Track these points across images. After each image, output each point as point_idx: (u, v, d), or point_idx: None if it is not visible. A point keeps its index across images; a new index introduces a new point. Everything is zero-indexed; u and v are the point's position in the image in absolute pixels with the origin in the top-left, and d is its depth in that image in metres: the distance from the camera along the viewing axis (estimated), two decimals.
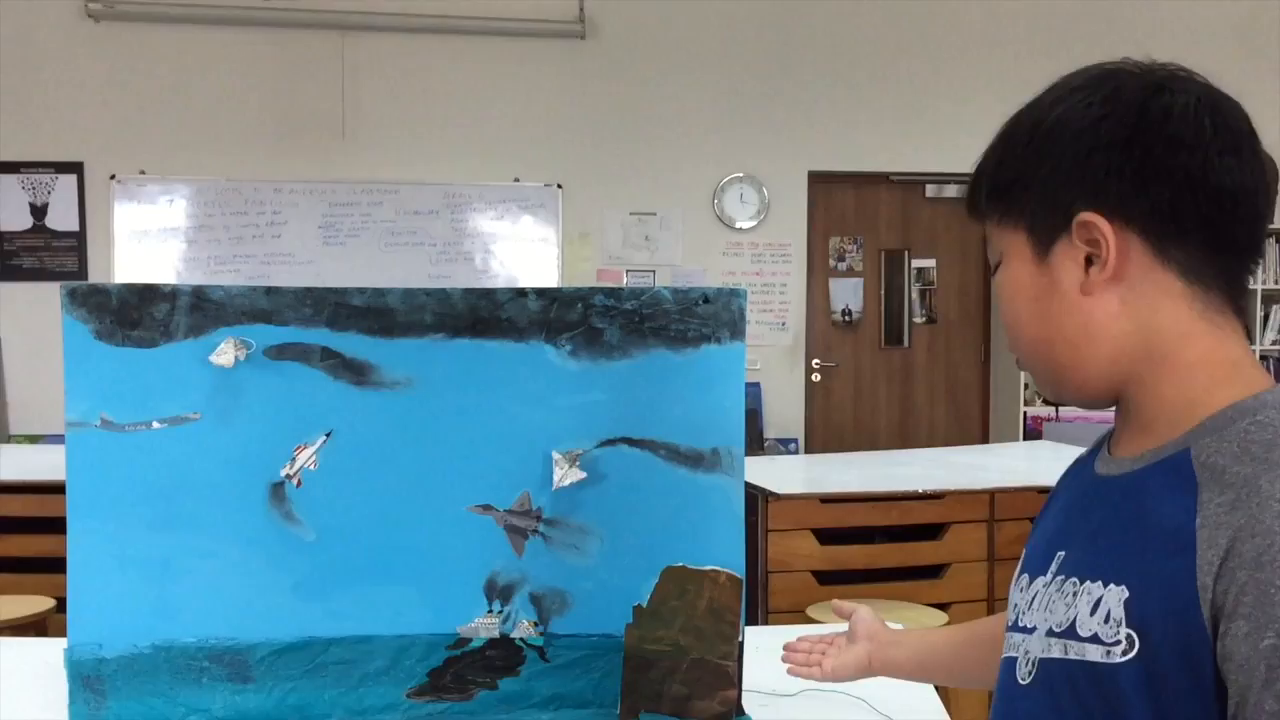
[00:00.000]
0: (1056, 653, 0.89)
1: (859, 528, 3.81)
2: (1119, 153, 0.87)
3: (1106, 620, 0.84)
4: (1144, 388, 0.90)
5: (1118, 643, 0.83)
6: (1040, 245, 0.92)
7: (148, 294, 1.63)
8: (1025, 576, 1.00)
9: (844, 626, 1.54)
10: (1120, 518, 0.88)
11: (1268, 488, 0.78)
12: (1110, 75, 0.91)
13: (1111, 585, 0.85)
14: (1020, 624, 0.97)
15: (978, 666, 1.33)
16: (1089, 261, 0.89)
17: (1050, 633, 0.91)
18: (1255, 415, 0.83)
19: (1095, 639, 0.85)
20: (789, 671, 1.53)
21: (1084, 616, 0.87)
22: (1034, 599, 0.96)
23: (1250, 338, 6.65)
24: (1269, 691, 0.73)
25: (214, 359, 1.63)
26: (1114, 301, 0.89)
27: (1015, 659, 0.96)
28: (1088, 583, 0.88)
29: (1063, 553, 0.94)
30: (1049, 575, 0.95)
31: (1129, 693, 0.82)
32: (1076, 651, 0.87)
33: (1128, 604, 0.83)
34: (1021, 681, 0.94)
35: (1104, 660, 0.84)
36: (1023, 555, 1.05)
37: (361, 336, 1.66)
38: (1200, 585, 0.78)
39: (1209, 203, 0.86)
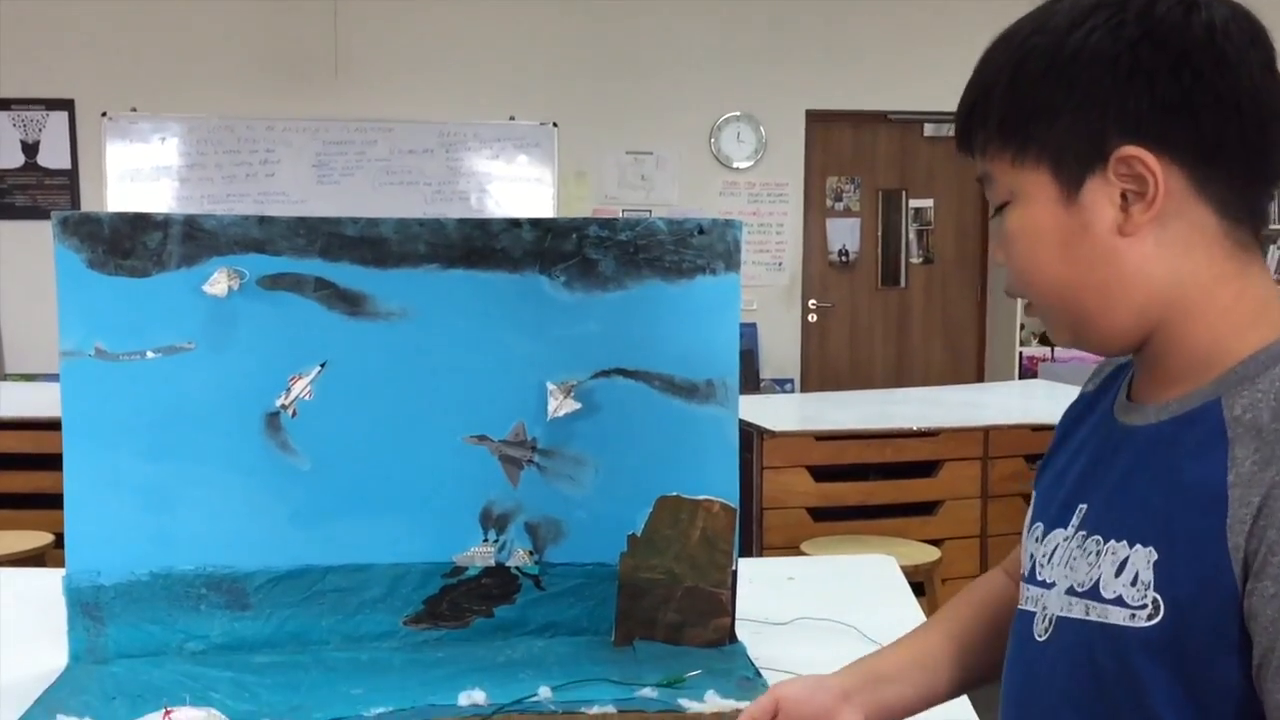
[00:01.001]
0: (1077, 613, 0.86)
1: (854, 465, 3.84)
2: (1164, 78, 0.79)
3: (1134, 583, 0.80)
4: (1173, 334, 0.84)
5: (1143, 606, 0.79)
6: (1069, 183, 0.83)
7: (140, 223, 1.62)
8: (1040, 526, 0.96)
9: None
10: (1146, 473, 0.84)
11: None
12: None
13: (1138, 546, 0.81)
14: (1039, 577, 0.93)
15: (992, 667, 1.07)
16: (1123, 199, 0.82)
17: (1071, 591, 0.87)
18: None
19: (1119, 601, 0.82)
20: None
21: (1108, 577, 0.83)
22: (1054, 552, 0.92)
23: None
24: None
25: (207, 288, 1.63)
26: (1150, 242, 0.82)
27: (1033, 614, 0.93)
28: (1112, 542, 0.84)
29: (1084, 506, 0.90)
30: (1070, 529, 0.91)
31: (1149, 658, 0.79)
32: (1098, 613, 0.84)
33: (1157, 567, 0.79)
34: (1039, 638, 0.91)
35: (1127, 624, 0.81)
36: (1034, 501, 1.00)
37: (355, 267, 1.66)
38: (1232, 546, 0.75)
39: (1254, 127, 0.80)
